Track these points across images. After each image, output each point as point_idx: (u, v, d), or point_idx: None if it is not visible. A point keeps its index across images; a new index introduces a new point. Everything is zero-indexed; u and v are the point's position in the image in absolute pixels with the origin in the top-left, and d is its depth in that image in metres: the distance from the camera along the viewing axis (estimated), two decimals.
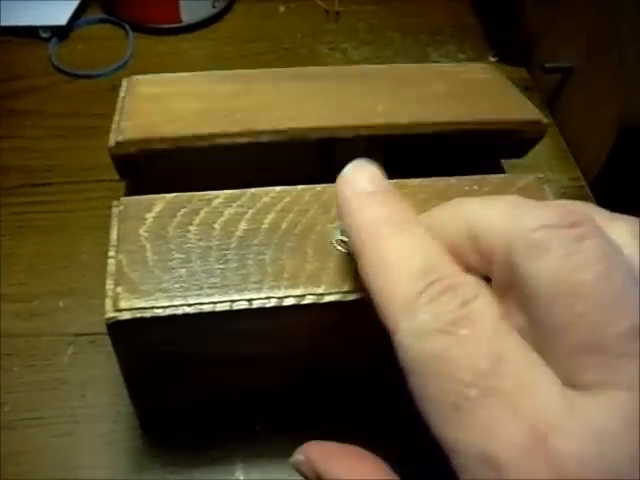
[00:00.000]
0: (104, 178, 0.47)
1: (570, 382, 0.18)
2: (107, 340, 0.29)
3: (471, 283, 0.21)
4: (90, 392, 0.37)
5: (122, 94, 0.36)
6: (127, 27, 0.60)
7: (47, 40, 0.58)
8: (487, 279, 0.22)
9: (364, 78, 0.38)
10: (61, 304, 0.40)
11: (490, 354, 0.19)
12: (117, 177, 0.41)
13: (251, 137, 0.32)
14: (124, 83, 0.37)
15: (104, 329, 0.36)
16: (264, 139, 0.33)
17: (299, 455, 0.27)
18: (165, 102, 0.35)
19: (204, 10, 0.60)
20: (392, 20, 0.62)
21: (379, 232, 0.23)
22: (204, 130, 0.33)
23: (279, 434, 0.36)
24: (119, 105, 0.35)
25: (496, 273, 0.21)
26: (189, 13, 0.59)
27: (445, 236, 0.23)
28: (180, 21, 0.59)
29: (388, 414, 0.36)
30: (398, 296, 0.21)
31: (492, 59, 0.59)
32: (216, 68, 0.56)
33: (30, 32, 0.58)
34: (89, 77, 0.55)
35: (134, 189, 0.37)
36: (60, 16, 0.59)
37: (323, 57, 0.58)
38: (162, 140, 0.33)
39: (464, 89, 0.37)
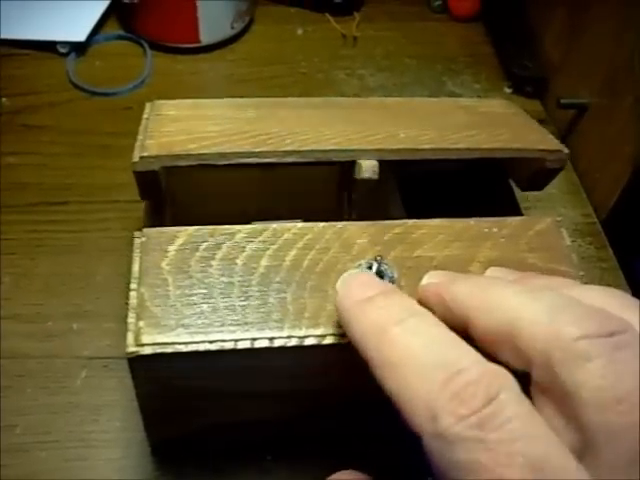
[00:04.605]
0: (119, 199, 0.47)
1: None
2: (120, 365, 0.29)
3: (493, 372, 0.20)
4: (102, 417, 0.37)
5: (145, 116, 0.36)
6: (145, 45, 0.60)
7: (65, 55, 0.59)
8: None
9: (385, 109, 0.38)
10: (75, 326, 0.40)
11: (526, 464, 0.18)
12: (132, 198, 0.42)
13: (276, 157, 0.32)
14: (147, 107, 0.38)
15: (117, 353, 0.36)
16: (289, 159, 0.33)
17: None
18: (188, 124, 0.35)
19: (223, 31, 0.60)
20: (409, 47, 0.63)
21: (385, 334, 0.22)
22: (228, 149, 0.33)
23: (289, 465, 0.36)
24: (142, 126, 0.35)
25: (536, 374, 0.21)
26: (208, 34, 0.59)
27: (483, 327, 0.23)
28: (199, 41, 0.59)
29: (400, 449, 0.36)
30: (417, 398, 0.20)
31: (507, 90, 0.59)
32: (233, 90, 0.57)
33: (48, 47, 0.59)
34: (106, 95, 0.56)
35: (153, 211, 0.38)
36: (79, 32, 0.59)
37: (339, 83, 0.58)
38: (186, 157, 0.33)
39: (484, 120, 0.37)
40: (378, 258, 0.29)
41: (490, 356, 0.22)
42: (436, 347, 0.21)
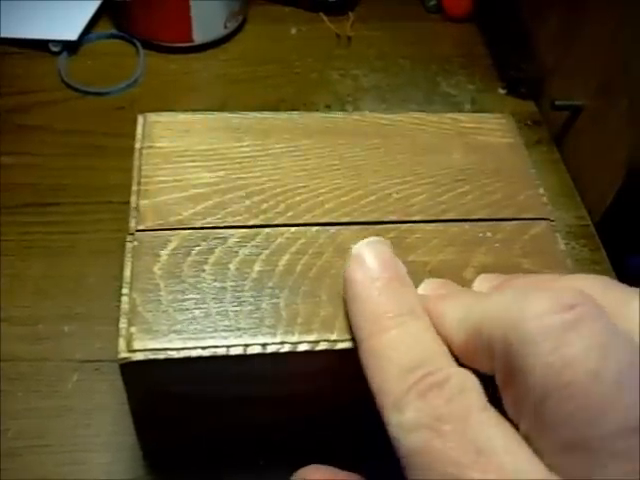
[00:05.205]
0: (112, 200, 0.47)
1: (559, 475, 0.18)
2: (112, 368, 0.29)
3: (459, 376, 0.21)
4: (94, 421, 0.37)
5: (138, 144, 0.34)
6: (138, 44, 0.60)
7: (57, 54, 0.58)
8: None
9: (381, 138, 0.37)
10: (66, 329, 0.40)
11: (472, 447, 0.19)
12: (126, 199, 0.41)
13: (268, 229, 0.32)
14: (139, 123, 0.36)
15: (109, 356, 0.36)
16: (281, 230, 0.32)
17: (299, 478, 0.28)
18: (180, 169, 0.33)
19: (216, 30, 0.60)
20: (403, 47, 0.62)
21: (378, 325, 0.24)
22: (222, 219, 0.32)
23: (282, 470, 0.36)
24: (136, 162, 0.34)
25: (497, 366, 0.21)
26: (201, 33, 0.59)
27: (458, 342, 0.23)
28: (192, 41, 0.59)
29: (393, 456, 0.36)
30: (389, 391, 0.22)
31: (501, 91, 0.59)
32: (226, 90, 0.57)
33: (40, 45, 0.58)
34: (99, 94, 0.55)
35: None
36: (71, 31, 0.59)
37: (333, 83, 0.58)
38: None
39: (479, 162, 0.36)
40: None
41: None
42: (419, 349, 0.23)
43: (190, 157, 0.34)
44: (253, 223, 0.32)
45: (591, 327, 0.19)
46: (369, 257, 0.26)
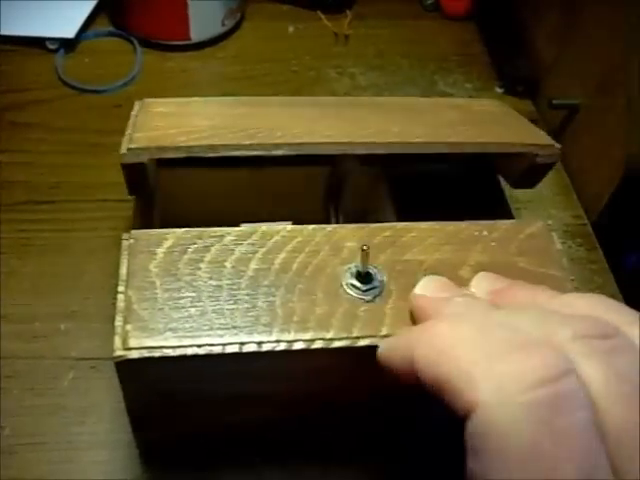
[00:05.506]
0: (108, 198, 0.47)
1: None
2: (107, 366, 0.29)
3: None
4: (90, 418, 0.37)
5: (134, 113, 0.36)
6: (135, 42, 0.59)
7: (54, 52, 0.58)
8: None
9: (377, 106, 0.38)
10: (62, 327, 0.40)
11: (580, 467, 0.17)
12: (121, 197, 0.41)
13: (266, 150, 0.32)
14: (136, 105, 0.37)
15: (105, 354, 0.36)
16: (279, 152, 0.32)
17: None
18: (178, 119, 0.35)
19: (213, 28, 0.60)
20: (400, 46, 0.62)
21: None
22: (218, 142, 0.32)
23: (279, 466, 0.36)
24: (131, 122, 0.35)
25: None
26: (198, 31, 0.59)
27: None
28: (189, 38, 0.59)
29: (387, 454, 0.36)
30: (476, 371, 0.19)
31: (498, 90, 0.59)
32: (224, 88, 0.57)
33: (37, 43, 0.58)
34: (95, 92, 0.55)
35: (142, 211, 0.37)
36: (68, 28, 0.58)
37: (331, 81, 0.58)
38: (175, 149, 0.33)
39: (476, 117, 0.37)
40: (364, 247, 0.29)
41: None
42: (500, 329, 0.21)
43: (186, 115, 0.36)
44: (249, 142, 0.32)
45: (631, 357, 0.20)
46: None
